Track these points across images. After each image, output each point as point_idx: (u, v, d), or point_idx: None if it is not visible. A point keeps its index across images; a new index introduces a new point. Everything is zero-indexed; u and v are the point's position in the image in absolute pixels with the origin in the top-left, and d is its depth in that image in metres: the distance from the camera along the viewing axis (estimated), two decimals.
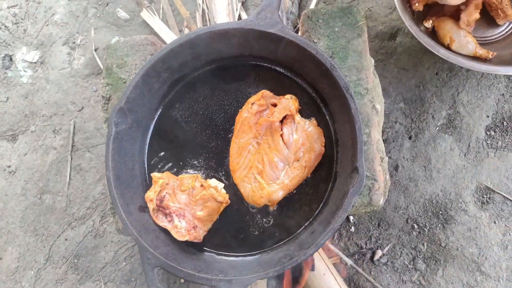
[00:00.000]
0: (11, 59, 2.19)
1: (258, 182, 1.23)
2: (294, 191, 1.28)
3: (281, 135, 1.26)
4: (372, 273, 1.73)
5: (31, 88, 2.13)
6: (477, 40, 1.65)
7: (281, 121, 1.27)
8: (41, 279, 1.88)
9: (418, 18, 1.71)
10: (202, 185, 1.22)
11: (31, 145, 2.05)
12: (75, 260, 1.89)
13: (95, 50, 2.14)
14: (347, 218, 1.79)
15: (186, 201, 1.21)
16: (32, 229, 1.94)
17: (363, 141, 1.13)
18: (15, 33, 2.22)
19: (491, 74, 1.86)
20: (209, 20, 2.01)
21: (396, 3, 1.63)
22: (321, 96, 1.32)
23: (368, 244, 1.77)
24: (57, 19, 2.22)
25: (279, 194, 1.23)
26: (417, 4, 1.63)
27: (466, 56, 1.62)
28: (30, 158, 2.03)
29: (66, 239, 1.91)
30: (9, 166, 2.03)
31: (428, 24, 1.70)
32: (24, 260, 1.91)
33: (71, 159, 2.00)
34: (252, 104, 1.27)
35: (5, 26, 2.23)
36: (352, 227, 1.79)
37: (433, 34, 1.70)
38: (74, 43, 2.17)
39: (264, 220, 1.28)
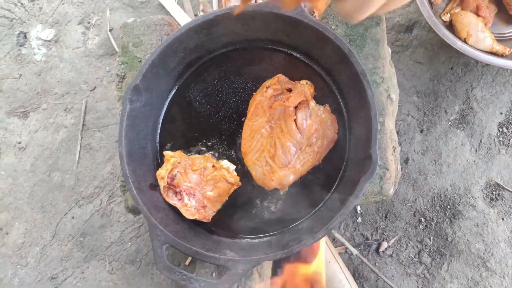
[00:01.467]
0: (25, 37, 2.19)
1: (269, 166, 1.23)
2: (305, 176, 1.28)
3: (295, 120, 1.25)
4: (377, 264, 1.73)
5: (44, 66, 2.13)
6: (494, 36, 1.64)
7: (295, 106, 1.27)
8: (46, 255, 1.90)
9: (436, 11, 1.70)
10: (214, 166, 1.22)
11: (42, 122, 2.06)
12: (81, 238, 1.90)
13: (110, 30, 2.14)
14: (355, 209, 1.79)
15: (197, 180, 1.22)
16: (39, 206, 1.95)
17: (377, 129, 1.12)
18: (30, 11, 2.22)
19: (507, 71, 1.85)
20: (225, 5, 2.00)
21: None
22: (336, 82, 1.31)
23: (374, 236, 1.77)
24: None
25: (290, 178, 1.23)
26: None
27: (482, 51, 1.61)
28: (40, 135, 2.04)
29: (73, 217, 1.92)
30: (19, 143, 2.04)
31: (446, 17, 1.69)
32: (31, 236, 1.92)
33: (82, 138, 2.01)
34: (267, 88, 1.26)
35: (21, 3, 2.23)
36: (359, 218, 1.79)
37: (450, 28, 1.69)
38: (89, 22, 2.17)
39: (274, 203, 1.27)
